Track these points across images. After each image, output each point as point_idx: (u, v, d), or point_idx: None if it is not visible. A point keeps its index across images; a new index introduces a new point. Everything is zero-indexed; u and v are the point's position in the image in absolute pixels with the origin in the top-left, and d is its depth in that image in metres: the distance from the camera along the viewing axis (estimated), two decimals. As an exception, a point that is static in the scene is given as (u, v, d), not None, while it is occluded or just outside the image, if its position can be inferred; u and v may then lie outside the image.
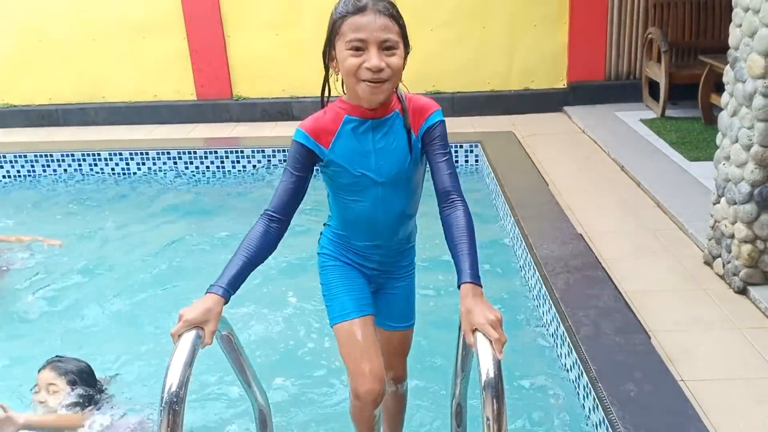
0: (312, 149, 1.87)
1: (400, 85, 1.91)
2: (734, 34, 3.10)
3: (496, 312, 1.64)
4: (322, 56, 1.87)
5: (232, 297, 1.75)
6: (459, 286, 1.72)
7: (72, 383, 2.61)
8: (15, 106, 6.95)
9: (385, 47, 1.76)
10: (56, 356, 2.71)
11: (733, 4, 3.11)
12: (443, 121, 1.93)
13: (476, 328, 1.61)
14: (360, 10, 1.76)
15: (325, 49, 1.85)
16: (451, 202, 1.84)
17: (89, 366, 2.72)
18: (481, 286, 1.72)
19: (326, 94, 1.93)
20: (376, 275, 2.09)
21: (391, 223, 1.99)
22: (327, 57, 1.87)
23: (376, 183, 1.91)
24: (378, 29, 1.75)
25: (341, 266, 2.07)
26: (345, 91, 1.90)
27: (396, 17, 1.79)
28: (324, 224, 2.13)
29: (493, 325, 1.60)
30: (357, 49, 1.76)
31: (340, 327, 2.03)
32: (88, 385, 2.65)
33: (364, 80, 1.78)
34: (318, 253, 2.13)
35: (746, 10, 2.98)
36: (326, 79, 1.92)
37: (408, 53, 1.85)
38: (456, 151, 5.52)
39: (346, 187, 1.93)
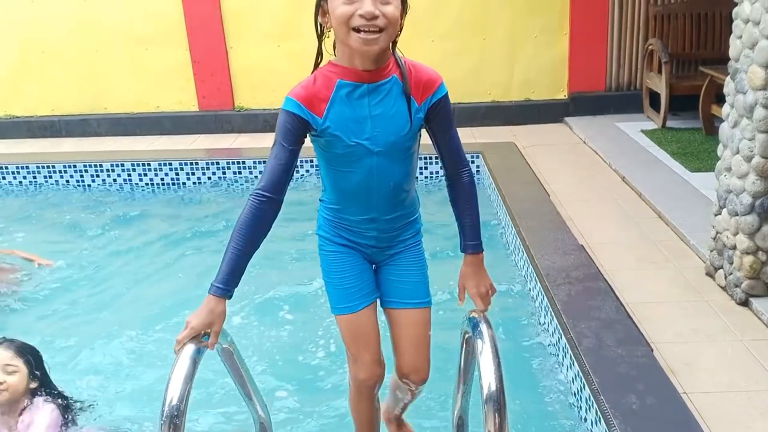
0: (305, 119, 1.76)
1: (398, 51, 1.84)
2: (734, 46, 3.11)
3: (488, 284, 1.97)
4: (315, 12, 1.79)
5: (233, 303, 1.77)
6: (463, 251, 1.96)
7: (29, 364, 2.48)
8: (17, 117, 6.98)
9: None
10: (3, 337, 2.58)
11: (733, 15, 3.12)
12: (447, 93, 1.89)
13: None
14: None
15: (318, 3, 1.77)
16: (459, 172, 1.94)
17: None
18: (482, 251, 1.96)
19: (320, 55, 1.84)
20: (376, 252, 2.02)
21: (386, 194, 1.90)
22: (318, 12, 1.78)
23: (370, 152, 1.82)
24: None
25: (340, 251, 2.00)
26: (336, 54, 1.81)
27: None
28: (319, 200, 2.04)
29: (482, 295, 1.94)
30: None
31: (341, 318, 2.05)
32: (41, 370, 2.54)
33: (356, 29, 1.67)
34: (316, 233, 2.06)
35: (746, 21, 2.98)
36: (320, 39, 1.82)
37: (406, 12, 1.78)
38: (457, 162, 5.52)
39: (339, 157, 1.84)
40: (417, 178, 2.04)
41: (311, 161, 5.27)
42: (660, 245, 3.83)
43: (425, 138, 1.94)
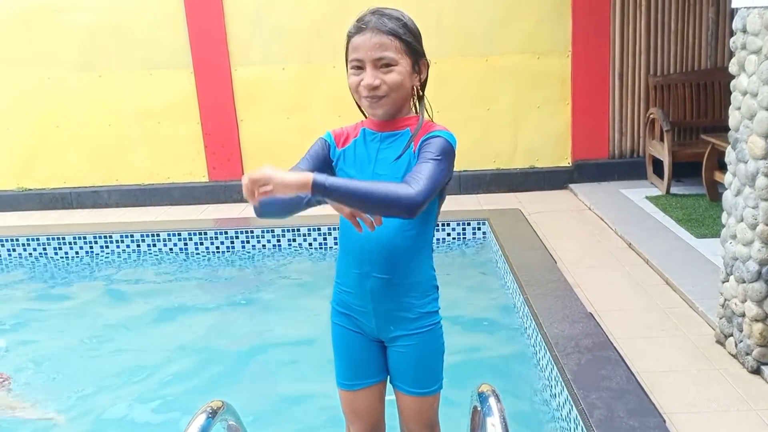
0: (329, 143, 1.97)
1: (427, 109, 1.94)
2: (734, 117, 3.17)
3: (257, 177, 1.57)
4: (347, 73, 1.93)
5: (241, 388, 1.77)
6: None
7: None
8: (29, 189, 7.10)
9: (382, 65, 1.81)
10: None
11: (731, 87, 3.20)
12: (444, 138, 1.81)
13: None
14: (359, 30, 1.82)
15: (347, 67, 1.92)
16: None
17: None
18: (313, 183, 1.59)
19: (361, 108, 1.98)
20: (377, 328, 1.98)
21: (380, 242, 1.89)
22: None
23: None
24: (372, 48, 1.79)
25: (345, 324, 2.04)
26: None
27: (398, 33, 1.80)
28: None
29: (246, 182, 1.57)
30: (358, 68, 1.84)
31: (339, 390, 2.11)
32: None
33: (363, 97, 1.86)
34: (331, 301, 2.10)
35: (744, 93, 3.06)
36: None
37: (427, 66, 1.91)
38: (464, 228, 5.57)
39: None
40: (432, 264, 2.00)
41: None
42: (669, 312, 3.82)
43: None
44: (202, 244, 5.74)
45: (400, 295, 1.95)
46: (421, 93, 1.96)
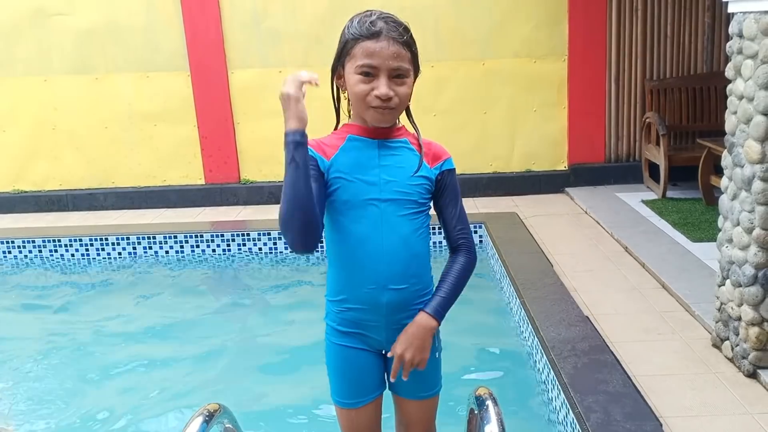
0: (314, 157, 1.82)
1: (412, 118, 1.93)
2: (730, 121, 3.18)
3: (416, 356, 1.84)
4: (331, 72, 1.88)
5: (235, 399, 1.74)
6: (421, 308, 1.88)
7: None
8: (26, 192, 7.08)
9: (396, 75, 1.76)
10: None
11: (727, 92, 3.21)
12: (455, 170, 1.97)
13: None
14: (374, 35, 1.74)
15: (335, 67, 1.86)
16: (458, 248, 1.95)
17: None
18: (438, 322, 1.87)
19: (338, 117, 1.94)
20: (386, 339, 1.92)
21: (395, 249, 1.84)
22: (334, 73, 1.87)
23: (377, 200, 1.83)
24: (390, 57, 1.73)
25: (347, 343, 1.94)
26: (350, 114, 1.90)
27: (409, 44, 1.78)
28: (325, 296, 1.99)
29: (400, 358, 1.83)
30: (367, 74, 1.75)
31: (337, 409, 2.03)
32: None
33: (372, 107, 1.77)
34: (324, 320, 2.01)
35: (740, 98, 3.07)
36: (337, 99, 1.93)
37: (417, 76, 1.86)
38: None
39: (346, 204, 1.83)
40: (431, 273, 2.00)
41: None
42: (665, 316, 3.83)
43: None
44: (198, 247, 5.73)
45: (413, 302, 1.92)
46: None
